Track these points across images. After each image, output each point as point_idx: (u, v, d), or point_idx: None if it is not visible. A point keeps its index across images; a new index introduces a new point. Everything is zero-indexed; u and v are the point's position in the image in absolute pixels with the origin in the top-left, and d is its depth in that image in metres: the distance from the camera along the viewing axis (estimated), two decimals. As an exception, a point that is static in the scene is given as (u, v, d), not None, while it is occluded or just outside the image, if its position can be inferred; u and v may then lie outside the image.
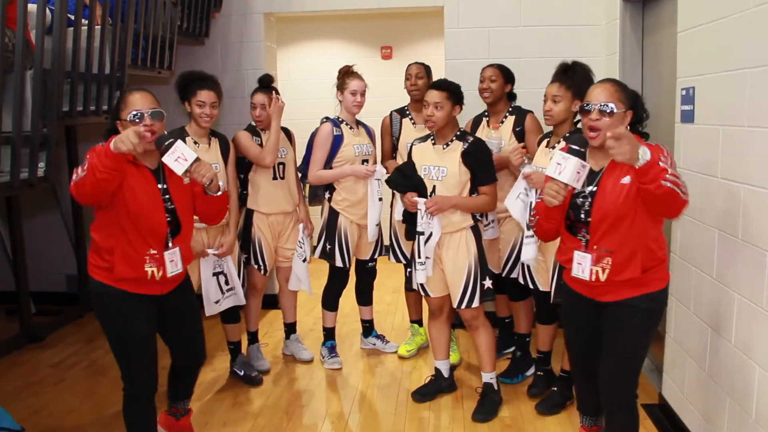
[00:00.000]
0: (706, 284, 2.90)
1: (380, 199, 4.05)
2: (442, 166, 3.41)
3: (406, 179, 3.50)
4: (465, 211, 3.43)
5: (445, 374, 3.81)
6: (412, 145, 3.63)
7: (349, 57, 7.21)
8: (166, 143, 2.57)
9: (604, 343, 2.61)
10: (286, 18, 5.77)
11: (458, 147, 3.41)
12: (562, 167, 2.36)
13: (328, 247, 4.12)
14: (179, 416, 3.28)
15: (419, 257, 3.45)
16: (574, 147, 2.43)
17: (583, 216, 2.52)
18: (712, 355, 2.88)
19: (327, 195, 4.14)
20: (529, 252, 3.38)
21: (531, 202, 3.28)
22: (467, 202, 3.42)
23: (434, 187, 3.43)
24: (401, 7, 5.17)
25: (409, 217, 3.51)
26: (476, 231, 3.49)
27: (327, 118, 4.13)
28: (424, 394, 3.77)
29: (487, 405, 3.56)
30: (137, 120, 2.60)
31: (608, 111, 2.42)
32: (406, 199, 3.47)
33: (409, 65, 4.28)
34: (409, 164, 3.55)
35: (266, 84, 4.03)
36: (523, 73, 4.34)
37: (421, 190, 3.46)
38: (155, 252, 2.74)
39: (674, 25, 3.26)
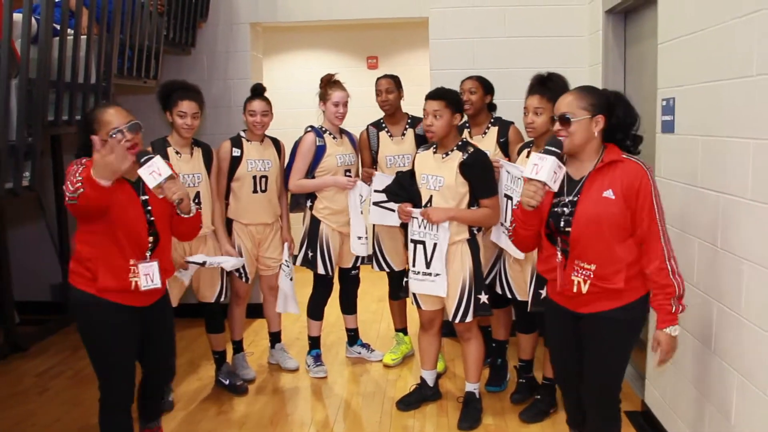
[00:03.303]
0: (688, 292, 2.91)
1: (361, 213, 4.05)
2: (440, 176, 3.39)
3: (401, 189, 3.51)
4: (463, 223, 3.39)
5: (431, 384, 3.82)
6: (417, 152, 3.65)
7: (335, 67, 7.20)
8: (146, 157, 2.60)
9: (585, 355, 2.61)
10: (273, 28, 5.79)
11: (457, 157, 3.38)
12: (539, 167, 2.37)
13: (310, 254, 4.13)
14: None
15: (414, 266, 3.44)
16: (549, 148, 2.40)
17: (562, 225, 2.50)
18: (693, 362, 2.91)
19: (309, 203, 4.14)
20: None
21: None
22: (465, 215, 3.38)
23: (431, 197, 3.42)
24: (387, 18, 5.20)
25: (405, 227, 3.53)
26: (473, 244, 3.44)
27: (311, 127, 4.15)
28: (409, 403, 3.78)
29: (471, 413, 3.57)
30: (117, 136, 2.59)
31: (565, 120, 2.45)
32: (399, 209, 3.48)
33: (378, 80, 4.27)
34: (408, 174, 3.56)
35: (261, 92, 4.04)
36: (507, 84, 4.38)
37: (415, 200, 3.46)
38: (137, 263, 2.76)
39: (655, 37, 3.31)
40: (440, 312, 3.62)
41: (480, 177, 3.37)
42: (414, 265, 3.46)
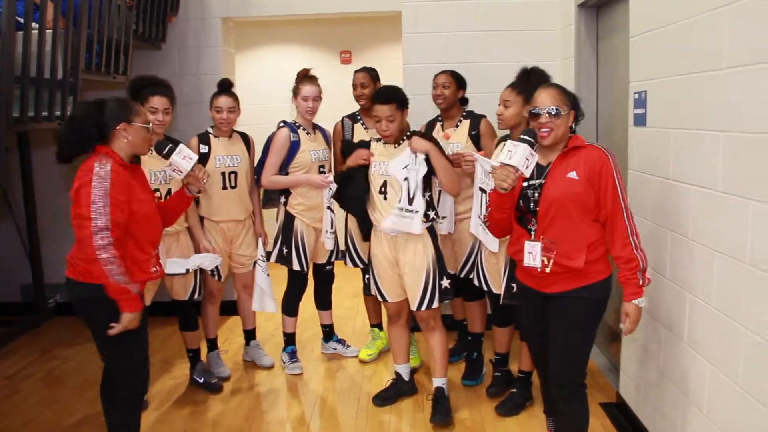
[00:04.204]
0: (660, 284, 2.96)
1: (328, 208, 3.99)
2: (397, 161, 3.44)
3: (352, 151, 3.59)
4: (437, 160, 3.37)
5: (405, 378, 3.81)
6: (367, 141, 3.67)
7: (308, 62, 7.13)
8: (169, 146, 2.95)
9: (549, 333, 2.74)
10: (245, 23, 5.73)
11: (407, 143, 3.45)
12: (513, 153, 2.56)
13: (285, 250, 4.10)
14: None
15: (398, 203, 3.40)
16: (524, 137, 2.59)
17: (532, 206, 2.66)
18: (666, 353, 2.94)
19: (283, 199, 4.11)
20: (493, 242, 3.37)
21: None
22: (441, 155, 3.41)
23: (384, 182, 3.45)
24: (359, 12, 5.17)
25: (345, 187, 3.59)
26: (432, 231, 3.49)
27: (284, 123, 4.11)
28: (385, 399, 3.77)
29: (442, 408, 3.55)
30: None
31: (555, 113, 2.61)
32: (354, 156, 3.55)
33: (355, 73, 4.27)
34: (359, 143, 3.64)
35: (227, 87, 3.98)
36: (480, 77, 4.38)
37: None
38: (156, 252, 2.89)
39: (627, 31, 3.33)
40: (405, 302, 3.62)
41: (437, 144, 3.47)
42: (399, 202, 3.39)
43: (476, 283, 3.67)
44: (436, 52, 4.75)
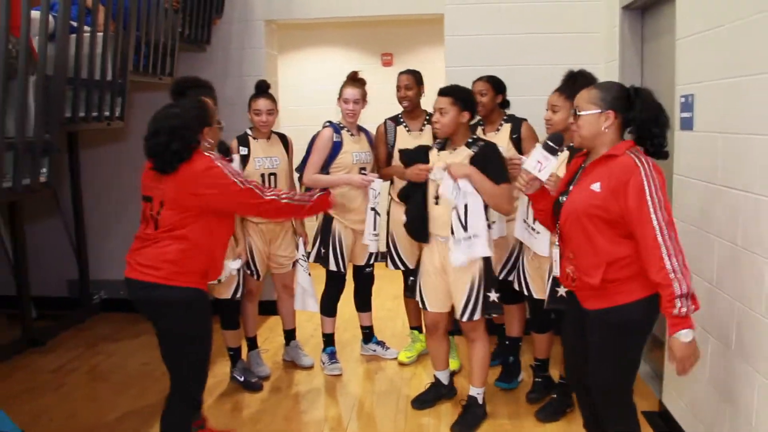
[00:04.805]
0: (705, 291, 2.90)
1: (372, 209, 3.98)
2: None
3: (417, 155, 3.49)
4: (478, 185, 3.22)
5: (444, 382, 3.80)
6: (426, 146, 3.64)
7: (349, 64, 7.24)
8: (229, 153, 3.27)
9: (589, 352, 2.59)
10: (288, 25, 5.79)
11: (465, 152, 3.36)
12: (528, 157, 2.60)
13: (323, 251, 4.14)
14: (203, 424, 3.31)
15: (453, 235, 3.29)
16: (548, 142, 2.57)
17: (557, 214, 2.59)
18: (712, 362, 2.88)
19: None
20: (539, 245, 3.32)
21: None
22: (483, 180, 3.23)
23: (438, 187, 3.37)
24: (402, 14, 5.18)
25: (411, 194, 3.51)
26: None
27: (330, 123, 4.14)
28: (424, 402, 3.76)
29: (469, 418, 3.52)
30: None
31: (575, 113, 2.48)
32: (413, 168, 3.41)
33: (399, 75, 4.26)
34: (424, 148, 3.54)
35: (265, 89, 4.02)
36: (523, 81, 4.36)
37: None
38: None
39: (673, 33, 3.28)
40: (445, 315, 3.59)
41: (491, 164, 3.30)
42: (453, 234, 3.29)
43: (516, 287, 3.63)
44: (477, 55, 4.73)
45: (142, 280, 2.69)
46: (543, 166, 2.53)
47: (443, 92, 3.40)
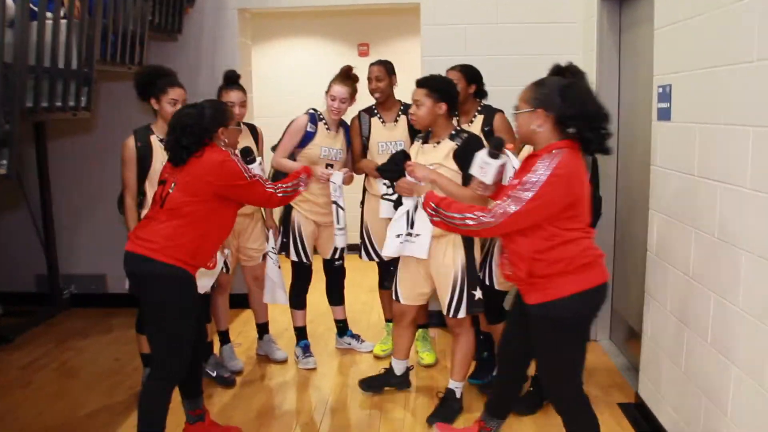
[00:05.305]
0: (682, 283, 2.88)
1: (334, 203, 3.93)
2: (433, 164, 3.27)
3: (396, 167, 3.35)
4: (444, 190, 3.11)
5: (397, 372, 3.77)
6: (414, 143, 3.58)
7: (325, 54, 7.19)
8: (253, 155, 3.34)
9: None
10: (262, 14, 5.68)
11: (448, 146, 3.29)
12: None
13: (284, 240, 4.10)
14: (203, 416, 3.30)
15: (396, 230, 3.35)
16: (489, 147, 2.73)
17: None
18: (688, 354, 2.86)
19: None
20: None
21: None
22: (448, 183, 3.16)
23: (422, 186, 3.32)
24: (377, 3, 5.11)
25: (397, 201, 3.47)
26: (466, 237, 3.32)
27: (312, 111, 4.06)
28: (370, 385, 3.79)
29: (445, 410, 3.49)
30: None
31: (514, 113, 2.57)
32: (399, 185, 3.29)
33: (370, 66, 4.18)
34: (401, 153, 3.41)
35: (235, 80, 3.92)
36: (500, 70, 4.30)
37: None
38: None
39: (651, 23, 3.24)
40: (414, 307, 3.57)
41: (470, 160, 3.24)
42: (396, 229, 3.35)
43: (486, 281, 3.56)
44: (454, 45, 4.67)
45: (136, 252, 2.83)
46: (485, 171, 2.67)
47: (419, 83, 3.34)
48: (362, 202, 4.24)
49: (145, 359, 3.77)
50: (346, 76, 4.05)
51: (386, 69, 4.13)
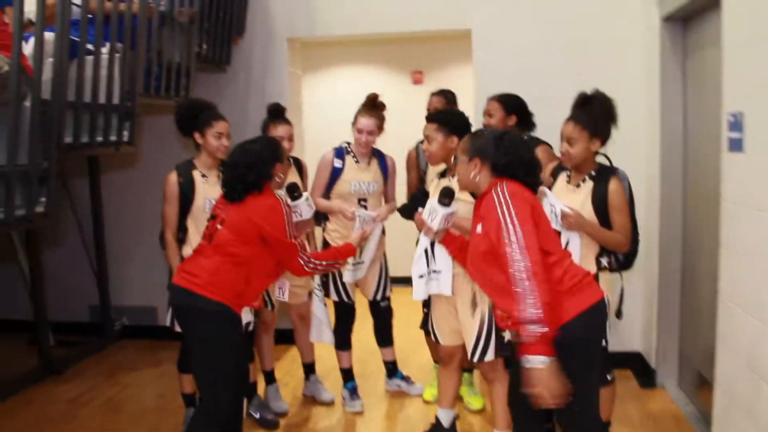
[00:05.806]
0: (758, 330, 2.60)
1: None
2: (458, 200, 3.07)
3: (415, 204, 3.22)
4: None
5: (445, 424, 3.45)
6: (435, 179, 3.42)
7: (379, 82, 7.07)
8: (299, 191, 3.33)
9: None
10: (312, 43, 5.62)
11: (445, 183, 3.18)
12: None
13: (323, 279, 3.91)
14: None
15: (418, 270, 3.17)
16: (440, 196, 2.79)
17: None
18: (764, 407, 2.57)
19: (323, 224, 3.95)
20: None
21: None
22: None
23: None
24: (427, 30, 4.96)
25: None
26: None
27: (346, 144, 3.94)
28: None
29: None
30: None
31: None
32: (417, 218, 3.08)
33: (431, 95, 4.07)
34: (421, 192, 3.34)
35: (281, 114, 3.83)
36: (554, 97, 4.07)
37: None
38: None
39: (719, 45, 2.99)
40: (460, 347, 3.33)
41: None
42: (418, 270, 3.16)
43: None
44: (508, 70, 4.48)
45: (182, 286, 2.84)
46: (432, 218, 2.72)
47: (428, 119, 3.29)
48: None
49: (187, 399, 3.68)
50: (372, 105, 3.89)
51: (446, 99, 4.05)
